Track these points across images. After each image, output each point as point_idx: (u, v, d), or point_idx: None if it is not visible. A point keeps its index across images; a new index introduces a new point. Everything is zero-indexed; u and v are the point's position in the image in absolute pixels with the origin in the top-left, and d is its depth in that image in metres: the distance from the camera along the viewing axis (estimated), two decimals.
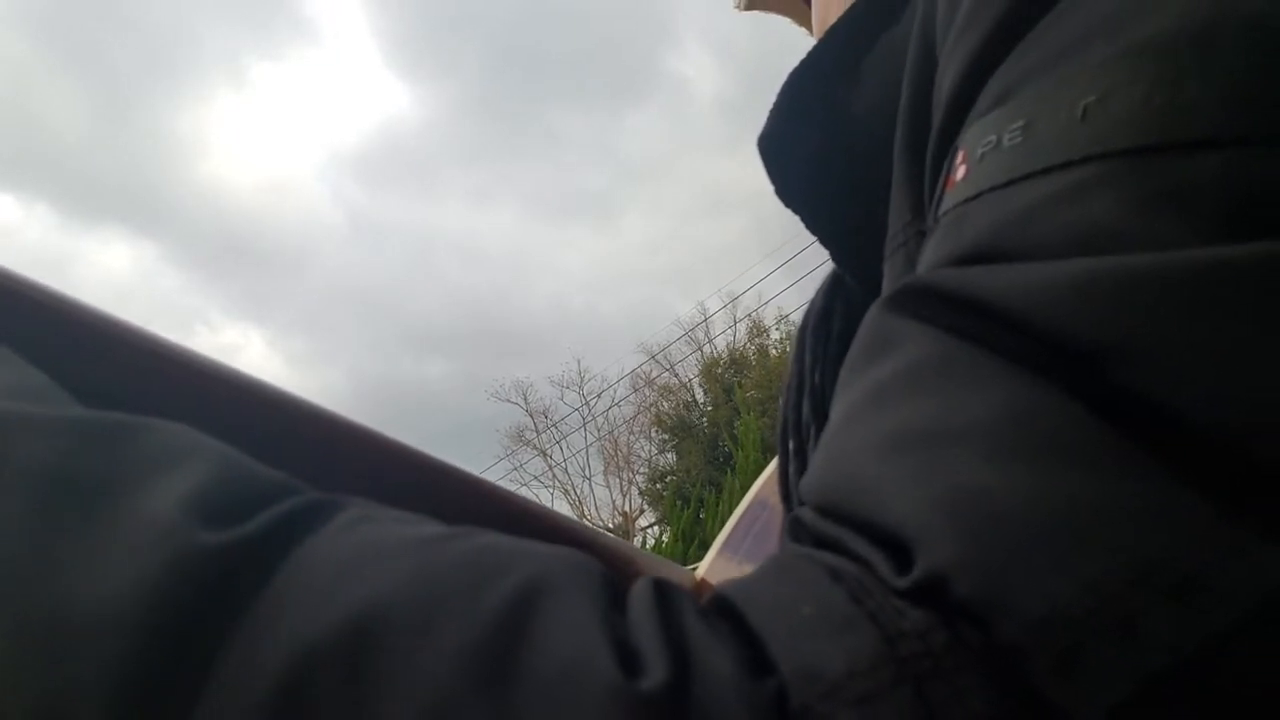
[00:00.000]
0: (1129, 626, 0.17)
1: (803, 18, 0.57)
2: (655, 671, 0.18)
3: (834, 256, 0.44)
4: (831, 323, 0.47)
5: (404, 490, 0.32)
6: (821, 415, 0.45)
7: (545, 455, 18.77)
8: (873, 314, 0.25)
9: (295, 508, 0.21)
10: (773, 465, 0.62)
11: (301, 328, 33.59)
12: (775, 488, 0.61)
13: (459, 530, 0.22)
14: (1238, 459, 0.18)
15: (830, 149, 0.40)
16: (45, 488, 0.20)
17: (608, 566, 0.22)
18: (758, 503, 0.59)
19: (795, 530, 0.23)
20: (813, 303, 0.49)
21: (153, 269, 35.97)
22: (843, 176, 0.40)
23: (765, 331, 17.37)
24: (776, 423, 0.49)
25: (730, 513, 0.59)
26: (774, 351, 16.78)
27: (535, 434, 18.93)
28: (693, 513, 12.13)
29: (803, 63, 0.41)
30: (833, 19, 0.42)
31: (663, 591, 0.21)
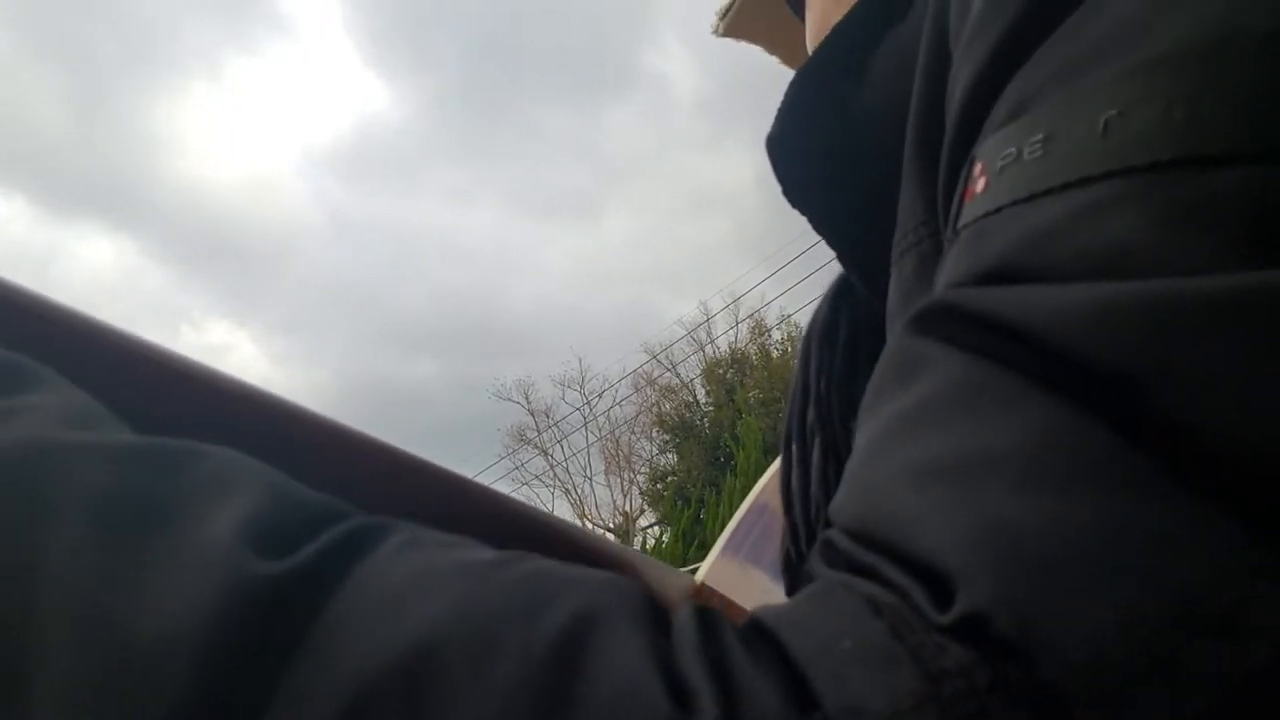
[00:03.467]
0: (1171, 665, 0.17)
1: (780, 45, 0.57)
2: (706, 708, 0.17)
3: (841, 259, 0.44)
4: (837, 333, 0.46)
5: (396, 497, 0.32)
6: (826, 425, 0.45)
7: (546, 454, 18.81)
8: (897, 336, 0.25)
9: (344, 534, 0.21)
10: (773, 469, 0.61)
11: (285, 327, 33.86)
12: (776, 492, 0.61)
13: (506, 556, 0.22)
14: (1269, 485, 0.18)
15: (838, 149, 0.40)
16: (101, 515, 0.21)
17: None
18: (758, 506, 0.59)
19: (828, 553, 0.23)
20: (818, 311, 0.49)
21: (133, 266, 36.28)
22: (850, 177, 0.40)
23: (767, 332, 17.40)
24: (780, 432, 0.49)
25: (730, 513, 0.59)
26: (776, 352, 16.80)
27: (536, 433, 18.98)
28: (693, 513, 12.15)
29: (809, 62, 0.40)
30: (834, 20, 0.42)
31: (706, 621, 0.20)
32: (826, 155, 0.40)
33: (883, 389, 0.25)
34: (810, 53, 0.46)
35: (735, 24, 0.57)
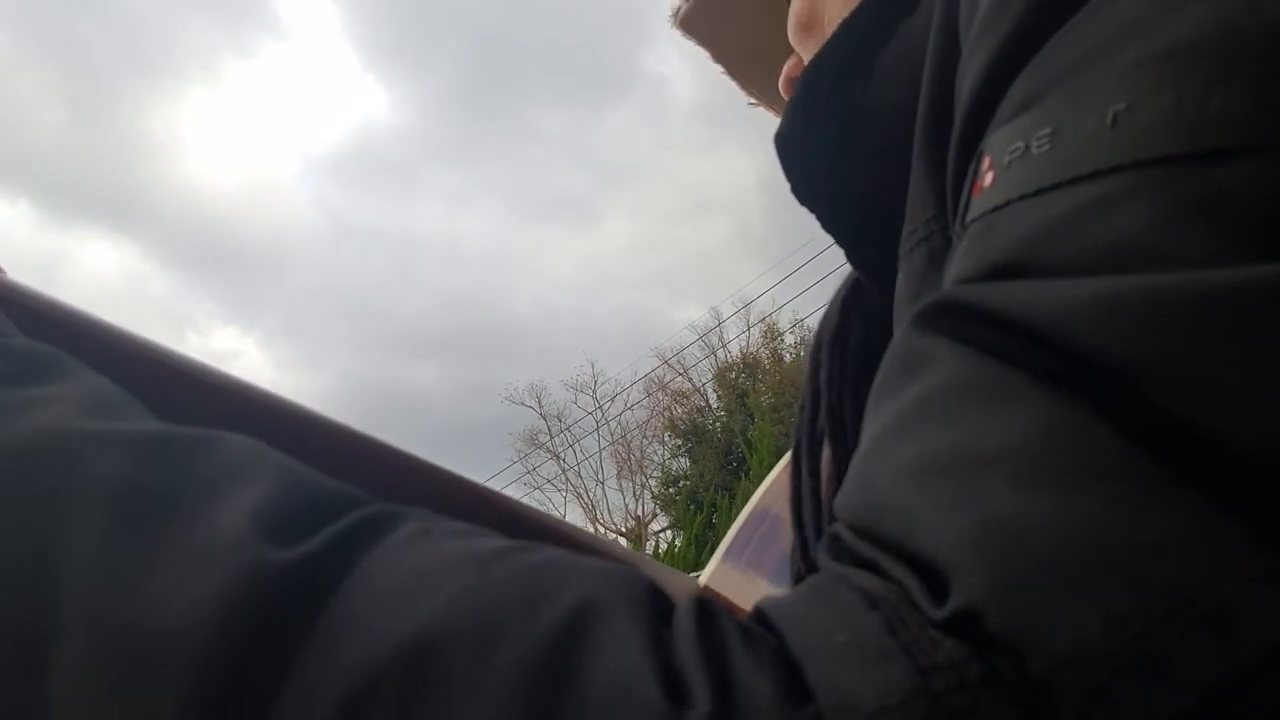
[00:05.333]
0: (1158, 664, 0.17)
1: (728, 53, 0.57)
2: (700, 702, 0.18)
3: (850, 257, 0.44)
4: (848, 338, 0.46)
5: (405, 500, 0.33)
6: (838, 433, 0.45)
7: (559, 459, 18.82)
8: (903, 331, 0.25)
9: (356, 522, 0.22)
10: (773, 475, 0.62)
11: (289, 332, 33.84)
12: (779, 497, 0.61)
13: (514, 545, 0.22)
14: (1269, 482, 0.18)
15: (846, 146, 0.39)
16: (118, 504, 0.21)
17: None
18: (759, 512, 0.60)
19: (833, 548, 0.23)
20: (827, 316, 0.48)
21: (138, 272, 36.26)
22: (859, 174, 0.39)
23: (779, 336, 17.36)
24: (791, 440, 0.49)
25: None
26: (788, 356, 16.75)
27: (549, 437, 18.99)
28: (705, 517, 12.11)
29: (817, 59, 0.40)
30: (834, 14, 0.42)
31: (705, 613, 0.20)
32: (835, 153, 0.40)
33: (887, 385, 0.25)
34: (792, 38, 0.46)
35: (690, 18, 0.56)
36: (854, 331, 0.46)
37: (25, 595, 0.20)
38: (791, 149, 0.41)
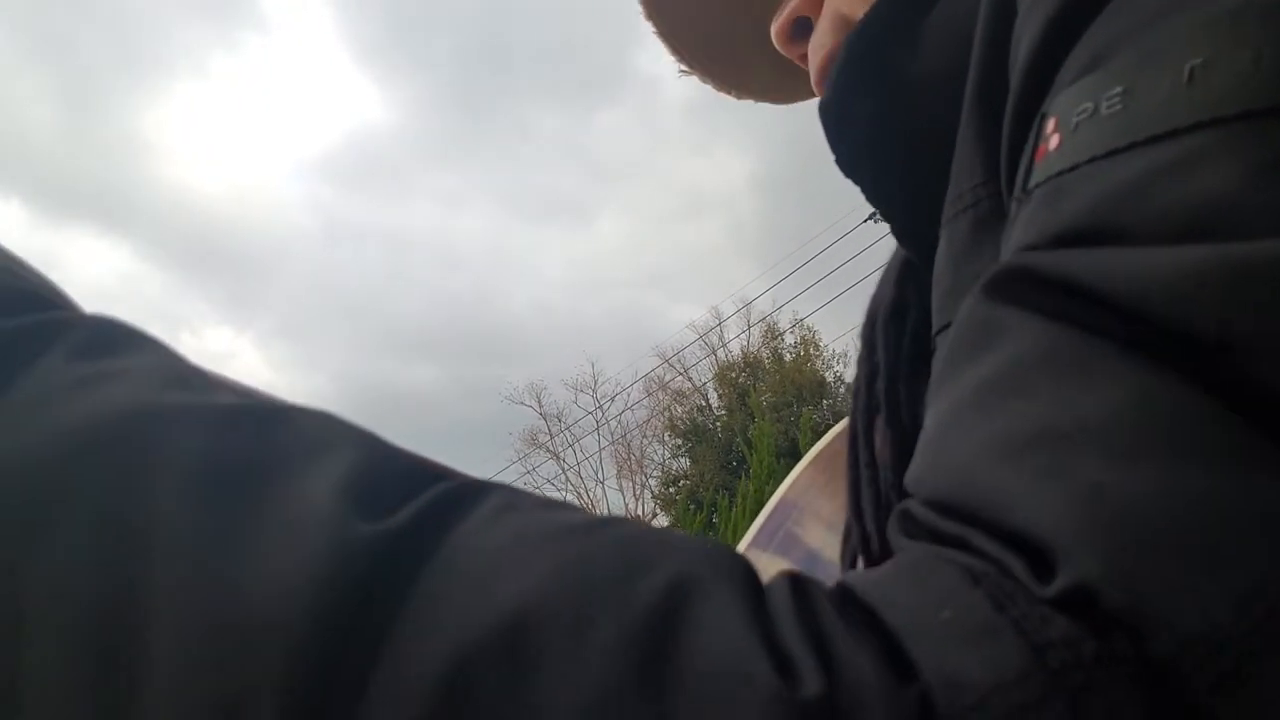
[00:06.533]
0: None
1: (685, 45, 0.56)
2: (810, 680, 0.17)
3: (894, 230, 0.43)
4: (906, 315, 0.44)
5: None
6: (894, 417, 0.43)
7: (558, 458, 18.78)
8: (972, 301, 0.24)
9: (442, 495, 0.21)
10: (799, 469, 0.62)
11: (284, 333, 33.84)
12: (803, 493, 0.62)
13: (601, 519, 0.22)
14: None
15: (891, 116, 0.39)
16: (203, 478, 0.20)
17: None
18: (786, 503, 0.59)
19: (906, 524, 0.22)
20: (879, 294, 0.47)
21: (132, 273, 36.27)
22: (904, 144, 0.39)
23: (780, 335, 17.32)
24: (792, 436, 0.48)
25: (744, 517, 0.60)
26: (789, 356, 16.72)
27: (549, 437, 18.96)
28: (705, 517, 12.09)
29: (860, 27, 0.40)
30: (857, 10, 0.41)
31: (801, 588, 0.20)
32: (880, 122, 0.39)
33: (957, 358, 0.24)
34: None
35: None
36: (912, 309, 0.44)
37: (117, 568, 0.19)
38: (835, 119, 0.41)
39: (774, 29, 0.47)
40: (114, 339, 0.25)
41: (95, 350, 0.24)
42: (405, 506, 0.20)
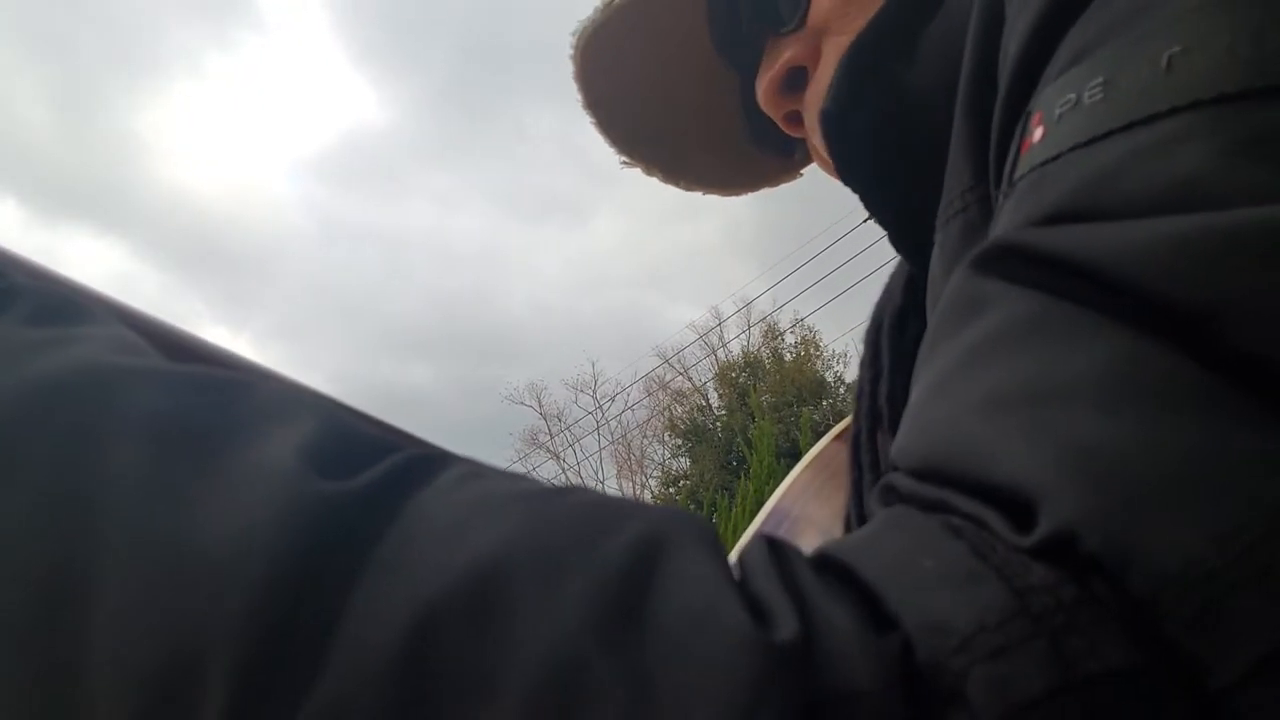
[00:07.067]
0: (1269, 577, 0.16)
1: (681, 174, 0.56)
2: (785, 624, 0.17)
3: (891, 237, 0.43)
4: (908, 322, 0.45)
5: None
6: (898, 421, 0.43)
7: (559, 458, 18.79)
8: (958, 277, 0.24)
9: (406, 461, 0.21)
10: (793, 475, 0.62)
11: (280, 333, 33.85)
12: (797, 499, 0.61)
13: (564, 486, 0.22)
14: None
15: (889, 124, 0.39)
16: (161, 435, 0.20)
17: None
18: (778, 511, 0.59)
19: (887, 496, 0.22)
20: (884, 301, 0.47)
21: (127, 271, 36.27)
22: (901, 152, 0.39)
23: (780, 335, 17.32)
24: (793, 437, 0.48)
25: (743, 517, 0.59)
26: (789, 356, 16.71)
27: (549, 437, 18.96)
28: (705, 517, 12.08)
29: (860, 37, 0.40)
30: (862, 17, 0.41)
31: (778, 548, 0.20)
32: (877, 130, 0.40)
33: (942, 330, 0.24)
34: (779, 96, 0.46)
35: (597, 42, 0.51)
36: (914, 316, 0.44)
37: (62, 526, 0.19)
38: (835, 126, 0.41)
39: (763, 83, 0.47)
40: (63, 309, 0.25)
41: (47, 317, 0.24)
42: (370, 469, 0.20)
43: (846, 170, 0.42)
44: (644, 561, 0.18)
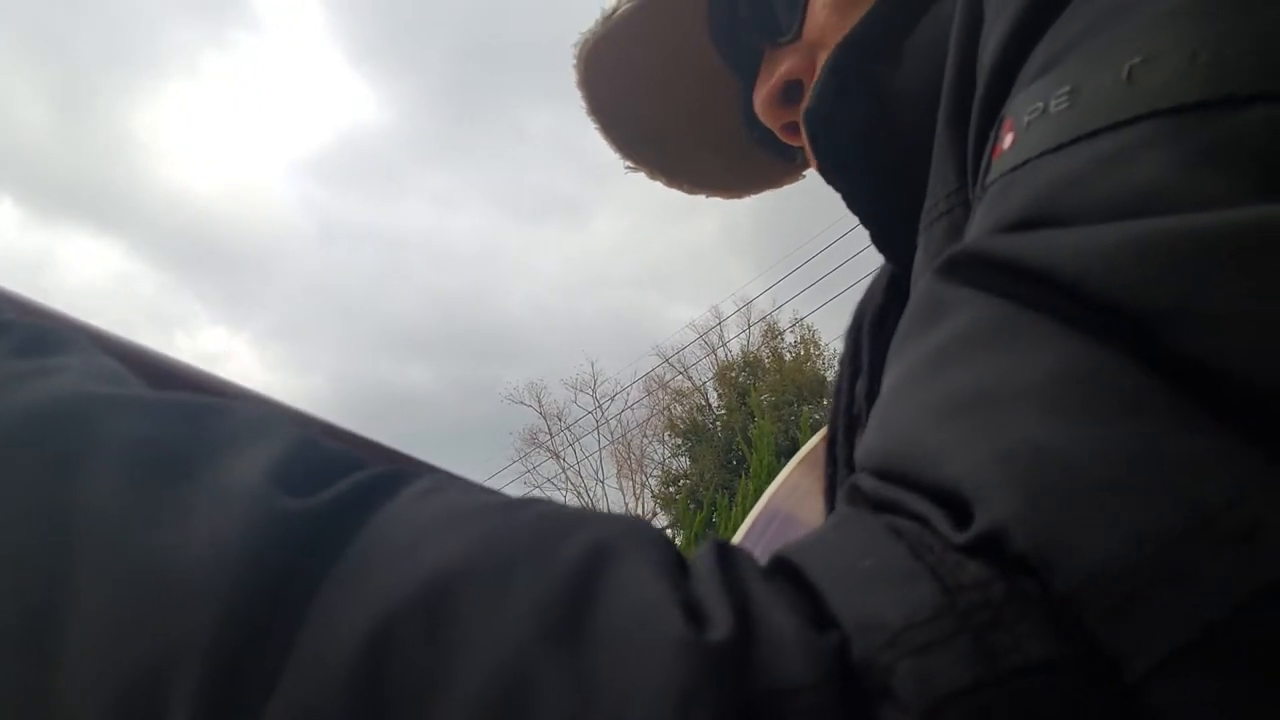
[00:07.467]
0: (1185, 575, 0.17)
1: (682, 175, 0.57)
2: (720, 625, 0.18)
3: (873, 238, 0.44)
4: (889, 321, 0.45)
5: None
6: None
7: (558, 457, 18.79)
8: (925, 282, 0.25)
9: (369, 478, 0.22)
10: (782, 475, 0.62)
11: (278, 333, 33.80)
12: (787, 498, 0.61)
13: (525, 499, 0.23)
14: None
15: (875, 126, 0.40)
16: (135, 460, 0.22)
17: None
18: (769, 512, 0.59)
19: (852, 495, 0.23)
20: (867, 299, 0.48)
21: (125, 272, 36.24)
22: (886, 154, 0.40)
23: (780, 335, 17.32)
24: (792, 435, 0.49)
25: (743, 516, 0.59)
26: (789, 355, 16.71)
27: (549, 436, 18.96)
28: (705, 516, 12.09)
29: (847, 39, 0.41)
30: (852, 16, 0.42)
31: (724, 552, 0.21)
32: (863, 132, 0.40)
33: (908, 334, 0.25)
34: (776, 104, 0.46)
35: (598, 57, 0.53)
36: (893, 315, 0.45)
37: (39, 551, 0.21)
38: (820, 126, 0.42)
39: (760, 95, 0.48)
40: (48, 341, 0.27)
41: (30, 349, 0.26)
42: (333, 486, 0.21)
43: (830, 170, 0.43)
44: (591, 570, 0.19)
